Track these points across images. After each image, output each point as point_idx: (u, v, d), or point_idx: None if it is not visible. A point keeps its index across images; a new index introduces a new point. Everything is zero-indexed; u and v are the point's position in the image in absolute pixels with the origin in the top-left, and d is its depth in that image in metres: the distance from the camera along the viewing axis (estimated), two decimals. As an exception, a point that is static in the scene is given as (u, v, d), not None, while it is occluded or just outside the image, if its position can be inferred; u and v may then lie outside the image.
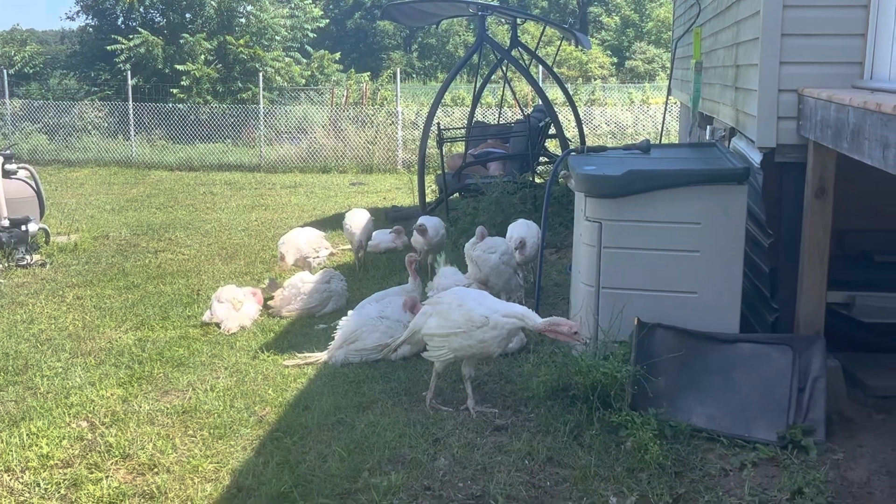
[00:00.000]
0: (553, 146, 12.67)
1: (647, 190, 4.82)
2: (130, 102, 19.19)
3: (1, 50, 25.71)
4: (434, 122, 10.87)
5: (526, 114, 12.30)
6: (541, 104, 11.70)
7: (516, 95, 14.58)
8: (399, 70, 21.46)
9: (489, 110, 18.32)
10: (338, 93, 21.86)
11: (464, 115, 16.07)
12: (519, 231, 6.88)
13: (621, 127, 18.86)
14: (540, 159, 11.47)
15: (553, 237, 8.78)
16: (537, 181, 10.44)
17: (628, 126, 18.83)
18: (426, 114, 12.29)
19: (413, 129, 18.01)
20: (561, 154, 7.50)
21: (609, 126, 19.00)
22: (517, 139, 11.46)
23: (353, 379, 5.32)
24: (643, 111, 19.60)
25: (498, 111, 15.53)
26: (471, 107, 13.26)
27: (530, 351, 5.55)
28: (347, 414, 4.75)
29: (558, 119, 10.60)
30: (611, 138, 17.85)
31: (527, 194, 9.40)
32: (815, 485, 3.76)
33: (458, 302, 4.71)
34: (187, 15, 23.94)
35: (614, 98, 24.44)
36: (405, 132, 17.93)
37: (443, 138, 10.89)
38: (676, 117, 14.08)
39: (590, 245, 4.97)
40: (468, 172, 10.88)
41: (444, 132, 11.42)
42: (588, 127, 17.61)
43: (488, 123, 14.68)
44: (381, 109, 19.23)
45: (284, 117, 20.21)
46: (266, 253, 9.22)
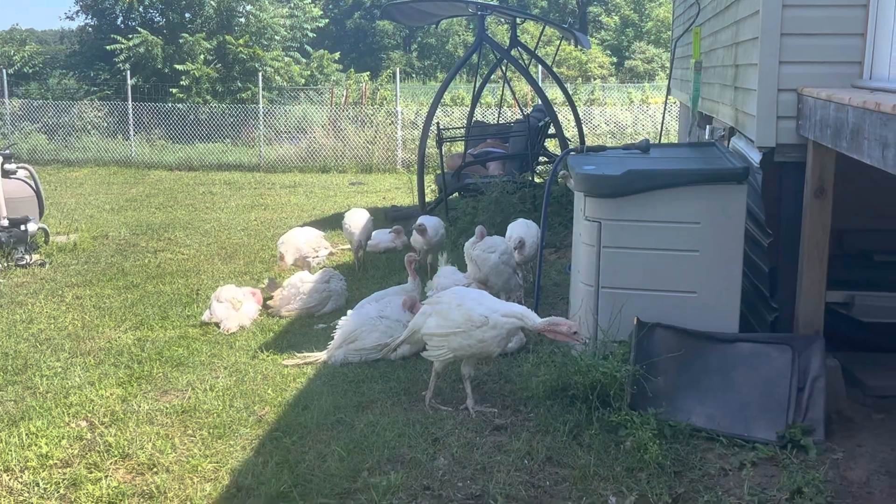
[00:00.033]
0: (552, 146, 12.66)
1: (647, 189, 4.82)
2: (130, 102, 19.19)
3: (0, 49, 25.70)
4: (433, 122, 10.87)
5: (525, 113, 12.30)
6: (540, 104, 11.70)
7: (516, 95, 14.58)
8: (398, 70, 21.47)
9: (489, 110, 18.32)
10: (337, 92, 21.85)
11: (463, 115, 16.07)
12: (518, 231, 6.88)
13: (621, 127, 18.86)
14: (539, 159, 11.47)
15: (552, 237, 8.78)
16: (537, 181, 10.44)
17: (628, 126, 18.83)
18: (426, 113, 12.30)
19: (412, 129, 18.01)
20: (560, 154, 7.50)
21: (608, 126, 19.00)
22: (516, 139, 11.46)
23: (353, 378, 5.32)
24: (642, 111, 19.60)
25: (497, 111, 15.53)
26: (470, 106, 13.26)
27: (530, 350, 5.55)
28: (347, 413, 4.75)
29: (558, 119, 10.60)
30: (610, 138, 17.84)
31: (526, 194, 9.40)
32: (815, 484, 3.76)
33: (458, 301, 4.71)
34: (187, 15, 23.94)
35: (614, 98, 24.43)
36: (404, 132, 17.92)
37: (442, 138, 10.89)
38: (676, 117, 14.08)
39: (589, 245, 4.97)
40: (468, 172, 10.88)
41: (444, 132, 11.42)
42: (587, 127, 17.60)
43: (488, 123, 14.68)
44: (381, 109, 19.23)
45: (284, 117, 20.21)
46: (265, 253, 9.22)
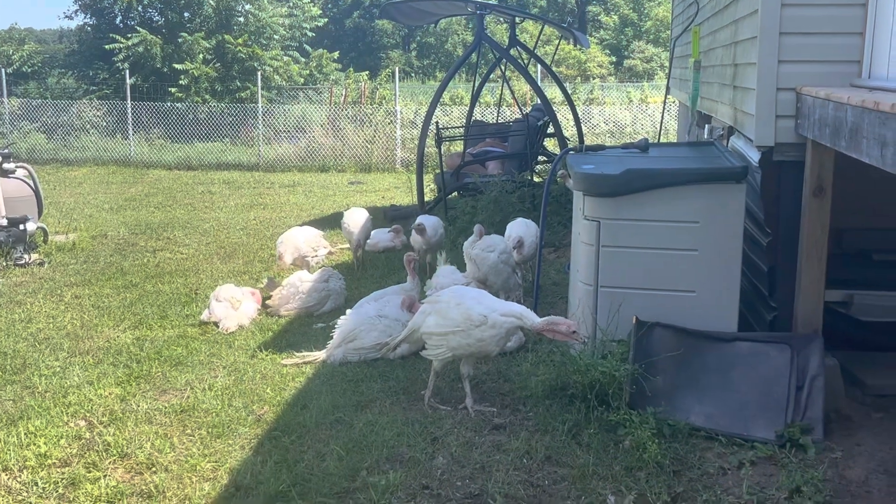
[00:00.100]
0: (551, 145, 12.66)
1: (646, 189, 4.82)
2: (129, 101, 19.17)
3: (-1, 49, 25.75)
4: (432, 121, 10.87)
5: (524, 113, 12.31)
6: (539, 103, 11.70)
7: (515, 94, 14.58)
8: (397, 69, 21.47)
9: (488, 109, 18.32)
10: (336, 92, 21.84)
11: (462, 114, 16.07)
12: (517, 230, 6.88)
13: (620, 126, 18.86)
14: (538, 158, 11.48)
15: (551, 236, 8.78)
16: (536, 180, 10.44)
17: (627, 125, 18.83)
18: (425, 113, 12.29)
19: (412, 128, 18.00)
20: (559, 153, 7.50)
21: (607, 125, 19.00)
22: (516, 138, 11.46)
23: (352, 378, 5.32)
24: (641, 110, 19.60)
25: (496, 110, 15.53)
26: (469, 106, 13.27)
27: (529, 350, 5.55)
28: (346, 413, 4.75)
29: (557, 118, 10.60)
30: (609, 137, 17.84)
31: (525, 193, 9.40)
32: (814, 483, 3.76)
33: (457, 301, 4.71)
34: (185, 14, 23.93)
35: (613, 97, 24.42)
36: (404, 131, 17.92)
37: (441, 137, 10.89)
38: (675, 116, 14.08)
39: (588, 244, 4.97)
40: (467, 171, 10.89)
41: (443, 131, 11.41)
42: (586, 126, 17.60)
43: (487, 122, 14.68)
44: (380, 108, 19.22)
45: (283, 116, 20.21)
46: (264, 252, 9.22)
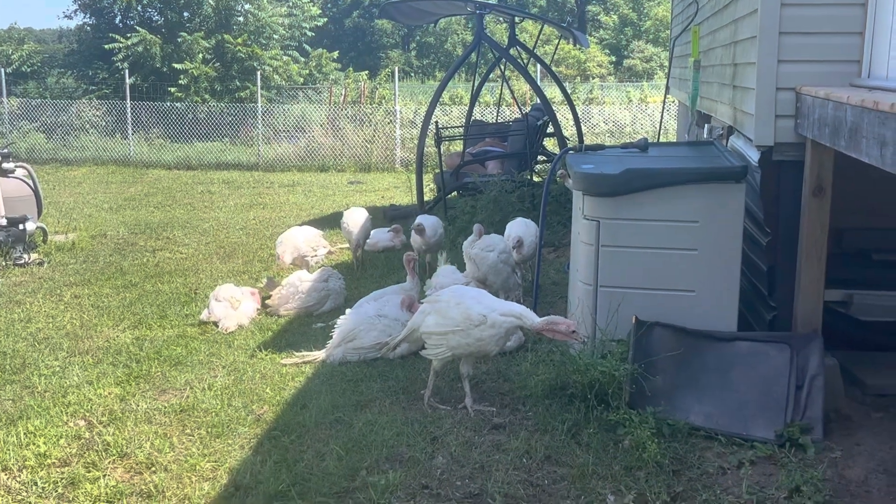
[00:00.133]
0: (551, 145, 12.67)
1: (645, 188, 4.81)
2: (128, 101, 19.16)
3: (-2, 49, 25.74)
4: (432, 121, 10.87)
5: (524, 112, 12.31)
6: (539, 103, 11.71)
7: (514, 94, 14.58)
8: (397, 69, 21.46)
9: (487, 109, 18.32)
10: (336, 91, 21.84)
11: (462, 114, 16.07)
12: (517, 230, 6.87)
13: (619, 126, 18.87)
14: (538, 158, 11.48)
15: (551, 236, 8.78)
16: (535, 180, 10.44)
17: (626, 125, 18.84)
18: (424, 112, 12.29)
19: (411, 128, 18.00)
20: (559, 153, 7.49)
21: (607, 125, 19.01)
22: (515, 138, 11.46)
23: (351, 377, 5.32)
24: (641, 110, 19.61)
25: (496, 110, 15.53)
26: (469, 105, 13.27)
27: (528, 349, 5.55)
28: (345, 412, 4.75)
29: (556, 118, 10.60)
30: (609, 137, 17.85)
31: (525, 193, 9.40)
32: (813, 483, 3.76)
33: (457, 300, 4.71)
34: (185, 14, 23.93)
35: (612, 97, 24.42)
36: (403, 131, 17.92)
37: (441, 137, 10.89)
38: (674, 116, 14.08)
39: (588, 244, 4.97)
40: (466, 171, 10.89)
41: (443, 131, 11.41)
42: (586, 126, 17.60)
43: (486, 122, 14.69)
44: (380, 108, 19.22)
45: (282, 116, 20.21)
46: (264, 252, 9.22)
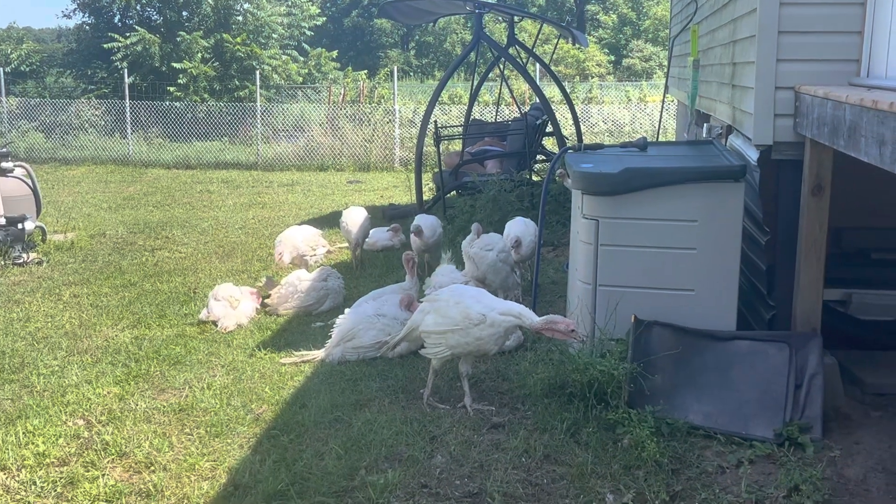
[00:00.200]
0: (550, 144, 12.67)
1: (644, 187, 4.81)
2: (127, 100, 19.16)
3: (-3, 48, 25.72)
4: (431, 120, 10.86)
5: (523, 112, 12.31)
6: (538, 102, 11.71)
7: (513, 93, 14.57)
8: (396, 68, 21.45)
9: (486, 108, 18.32)
10: (335, 91, 21.83)
11: (461, 113, 16.07)
12: (516, 229, 6.88)
13: (618, 125, 18.88)
14: (537, 157, 11.48)
15: (550, 235, 8.78)
16: (534, 179, 10.45)
17: (625, 124, 18.85)
18: (423, 112, 12.29)
19: (410, 127, 18.00)
20: (558, 152, 7.50)
21: (606, 124, 19.02)
22: (514, 137, 11.46)
23: (350, 377, 5.32)
24: (640, 109, 19.61)
25: (495, 109, 15.53)
26: (468, 105, 13.27)
27: (527, 349, 5.55)
28: (344, 412, 4.75)
29: (555, 117, 10.60)
30: (608, 136, 17.85)
31: (524, 192, 9.40)
32: (812, 482, 3.76)
33: (456, 299, 4.71)
34: (184, 13, 23.91)
35: (611, 96, 24.43)
36: (402, 130, 17.92)
37: (440, 136, 10.89)
38: (673, 115, 14.08)
39: (587, 243, 4.97)
40: (465, 170, 10.89)
41: (442, 130, 11.42)
42: (585, 125, 17.61)
43: (485, 121, 14.69)
44: (379, 107, 19.21)
45: (281, 115, 20.20)
46: (263, 251, 9.21)
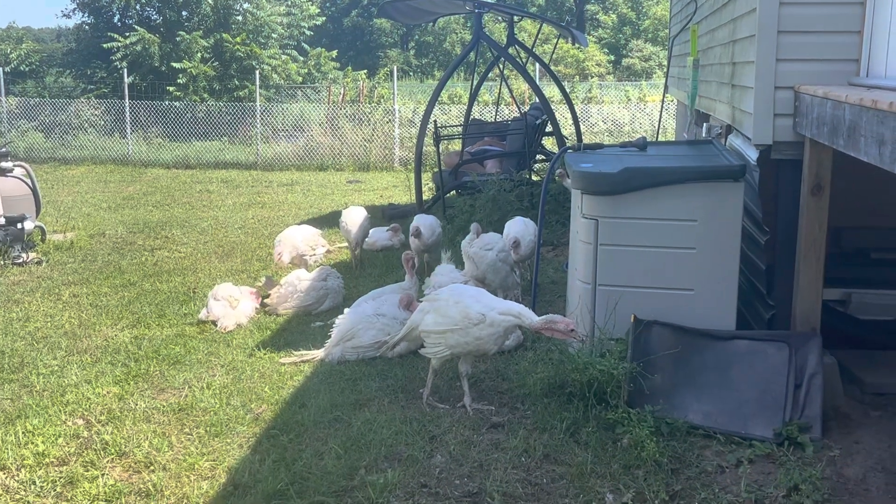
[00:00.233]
0: (550, 144, 12.67)
1: (644, 187, 4.81)
2: (127, 100, 19.15)
3: (-3, 48, 25.72)
4: (431, 120, 10.86)
5: (523, 111, 12.31)
6: (538, 102, 11.70)
7: (513, 93, 14.57)
8: (396, 68, 21.44)
9: (486, 108, 18.32)
10: (334, 91, 21.82)
11: (461, 113, 16.07)
12: (515, 229, 6.88)
13: (618, 125, 18.89)
14: (537, 157, 11.48)
15: (550, 234, 8.78)
16: (534, 179, 10.45)
17: (625, 124, 18.86)
18: (423, 111, 12.29)
19: (410, 127, 17.99)
20: (558, 152, 7.51)
21: (606, 124, 19.02)
22: (514, 137, 11.46)
23: (350, 376, 5.32)
24: (640, 109, 19.62)
25: (495, 109, 15.53)
26: (468, 104, 13.27)
27: (527, 348, 5.56)
28: (344, 411, 4.75)
29: (555, 117, 10.60)
30: (608, 136, 17.86)
31: (523, 192, 9.40)
32: (812, 481, 3.76)
33: (456, 299, 4.71)
34: (184, 13, 23.90)
35: (611, 96, 24.44)
36: (402, 130, 17.92)
37: (440, 136, 10.89)
38: (673, 115, 14.08)
39: (586, 242, 4.97)
40: (465, 170, 10.89)
41: (441, 130, 11.41)
42: (585, 125, 17.61)
43: (485, 121, 14.68)
44: (378, 107, 19.21)
45: (281, 115, 20.19)
46: (262, 251, 9.21)
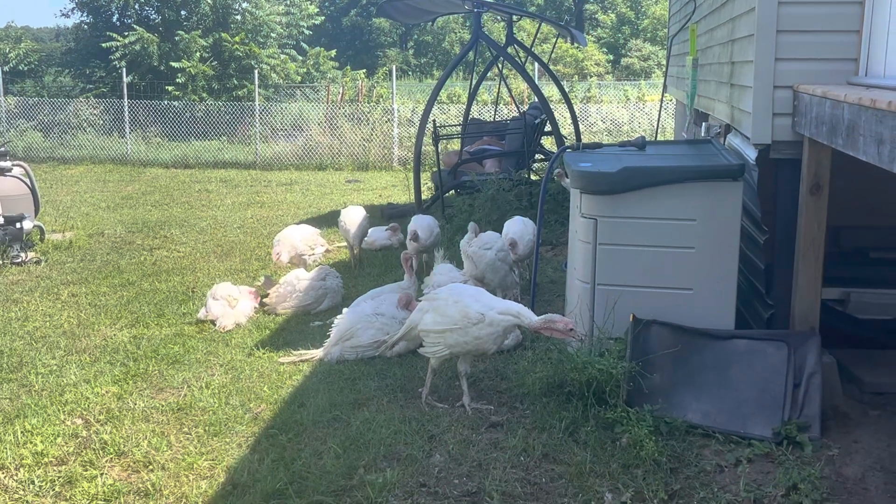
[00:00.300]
0: (549, 143, 12.67)
1: (643, 186, 4.81)
2: (126, 100, 19.14)
3: (-4, 47, 25.68)
4: (430, 120, 10.87)
5: (522, 111, 12.31)
6: (537, 101, 11.71)
7: (512, 93, 14.57)
8: (395, 67, 21.43)
9: (485, 107, 18.32)
10: (333, 90, 21.81)
11: (460, 113, 16.07)
12: (514, 229, 6.89)
13: (617, 124, 18.90)
14: (536, 156, 11.48)
15: (549, 234, 8.78)
16: (533, 178, 10.45)
17: (624, 123, 18.87)
18: (422, 111, 12.29)
19: (409, 127, 17.99)
20: (556, 151, 7.51)
21: (605, 123, 19.03)
22: (513, 136, 11.47)
23: (349, 376, 5.32)
24: (639, 108, 19.63)
25: (494, 108, 15.53)
26: (467, 104, 13.27)
27: (526, 347, 5.56)
28: (343, 411, 4.75)
29: (554, 116, 10.60)
30: (607, 135, 17.86)
31: (522, 191, 9.41)
32: (810, 481, 3.76)
33: (455, 298, 4.71)
34: (182, 12, 23.88)
35: (610, 95, 24.45)
36: (401, 129, 17.92)
37: (439, 135, 10.89)
38: (672, 114, 14.08)
39: (585, 242, 4.97)
40: (464, 169, 10.89)
41: (440, 129, 11.42)
42: (584, 124, 17.61)
43: (484, 121, 14.69)
44: (377, 107, 19.21)
45: (280, 115, 20.19)
46: (261, 250, 9.21)
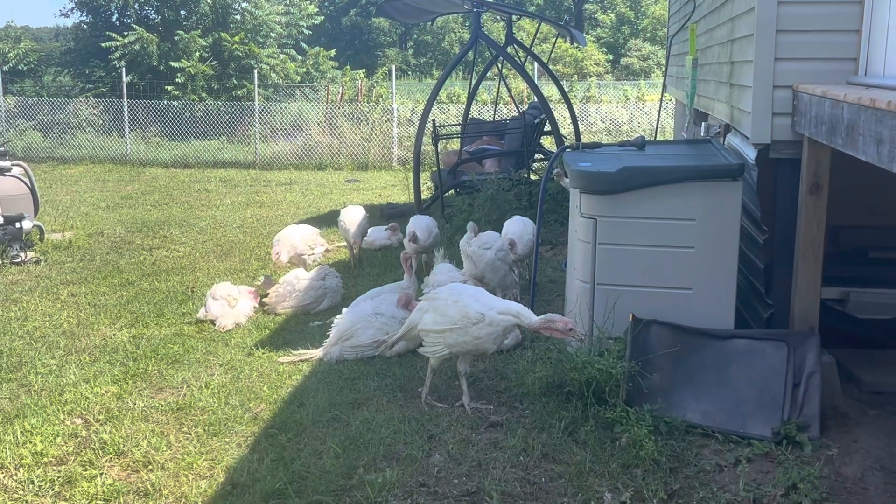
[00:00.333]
0: (548, 143, 12.67)
1: (642, 186, 4.81)
2: (125, 99, 19.13)
3: (-5, 47, 25.67)
4: (429, 119, 10.87)
5: (521, 111, 12.31)
6: (536, 101, 11.71)
7: (512, 92, 14.58)
8: (394, 67, 21.43)
9: (485, 107, 18.32)
10: (333, 90, 21.81)
11: (459, 112, 16.07)
12: (514, 229, 6.89)
13: (616, 124, 18.90)
14: (535, 156, 11.48)
15: (548, 234, 8.78)
16: (532, 178, 10.45)
17: (623, 123, 18.87)
18: (421, 111, 12.29)
19: (408, 126, 17.99)
20: (556, 151, 7.51)
21: (604, 123, 19.03)
22: (512, 136, 11.47)
23: (348, 376, 5.32)
24: (638, 108, 19.63)
25: (493, 108, 15.53)
26: (466, 104, 13.28)
27: (525, 347, 5.56)
28: (342, 410, 4.75)
29: (553, 116, 10.60)
30: (606, 135, 17.86)
31: (522, 191, 9.41)
32: (810, 480, 3.76)
33: (455, 298, 4.71)
34: (182, 12, 23.88)
35: (609, 95, 24.46)
36: (400, 129, 17.91)
37: (438, 135, 10.88)
38: (671, 114, 14.08)
39: (585, 241, 4.97)
40: (463, 169, 10.89)
41: (440, 129, 11.41)
42: (583, 124, 17.62)
43: (484, 120, 14.69)
44: (377, 106, 19.20)
45: (280, 114, 20.18)
46: (261, 250, 9.21)
